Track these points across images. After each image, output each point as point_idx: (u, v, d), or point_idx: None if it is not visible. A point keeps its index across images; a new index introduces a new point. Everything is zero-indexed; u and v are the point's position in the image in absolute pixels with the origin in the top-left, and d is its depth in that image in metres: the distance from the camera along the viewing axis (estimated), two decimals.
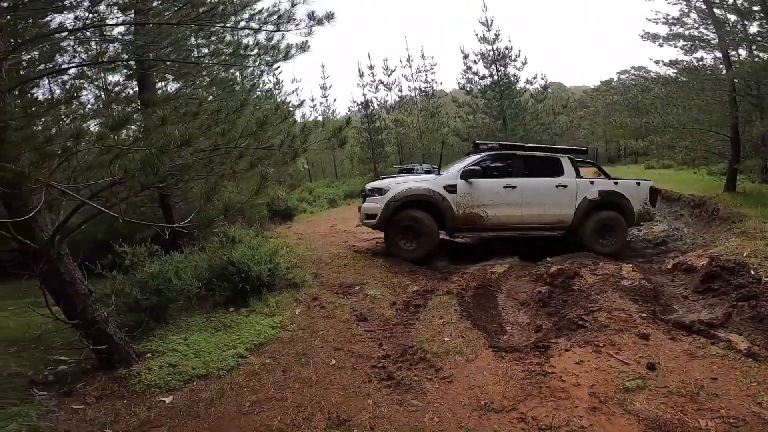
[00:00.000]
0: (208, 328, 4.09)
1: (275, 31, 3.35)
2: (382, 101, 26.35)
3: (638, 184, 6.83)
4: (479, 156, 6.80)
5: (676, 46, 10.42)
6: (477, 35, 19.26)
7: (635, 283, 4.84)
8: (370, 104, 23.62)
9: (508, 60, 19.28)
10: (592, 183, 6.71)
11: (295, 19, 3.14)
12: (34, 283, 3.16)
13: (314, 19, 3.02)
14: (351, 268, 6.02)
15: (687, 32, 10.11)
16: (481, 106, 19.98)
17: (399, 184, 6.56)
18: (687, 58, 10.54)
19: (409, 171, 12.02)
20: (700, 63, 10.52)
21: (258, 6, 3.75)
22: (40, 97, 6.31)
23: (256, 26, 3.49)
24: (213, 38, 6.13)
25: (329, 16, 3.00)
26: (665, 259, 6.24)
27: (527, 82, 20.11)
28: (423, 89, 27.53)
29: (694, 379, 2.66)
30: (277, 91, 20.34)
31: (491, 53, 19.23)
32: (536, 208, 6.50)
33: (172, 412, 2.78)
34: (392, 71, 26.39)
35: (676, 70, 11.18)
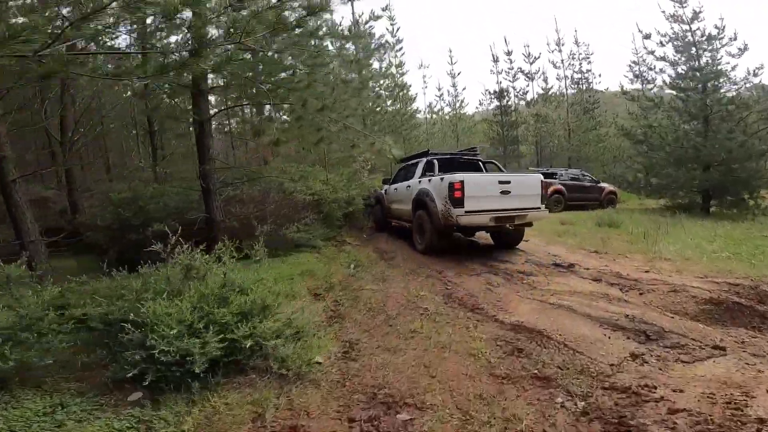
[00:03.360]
0: None
1: None
2: (521, 92, 22.02)
3: (441, 179, 5.92)
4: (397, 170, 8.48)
5: None
6: (664, 13, 14.05)
7: None
8: (505, 94, 19.73)
9: (717, 42, 13.42)
10: (419, 182, 6.71)
11: None
12: None
13: None
14: (422, 342, 3.07)
15: None
16: (668, 101, 14.43)
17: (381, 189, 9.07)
18: None
19: (549, 175, 11.57)
20: None
21: None
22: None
23: None
24: None
25: None
26: None
27: (750, 73, 13.75)
28: (576, 80, 22.26)
29: None
30: (399, 74, 18.06)
31: (687, 34, 13.65)
32: (401, 204, 7.46)
33: None
34: (536, 59, 21.85)
35: None
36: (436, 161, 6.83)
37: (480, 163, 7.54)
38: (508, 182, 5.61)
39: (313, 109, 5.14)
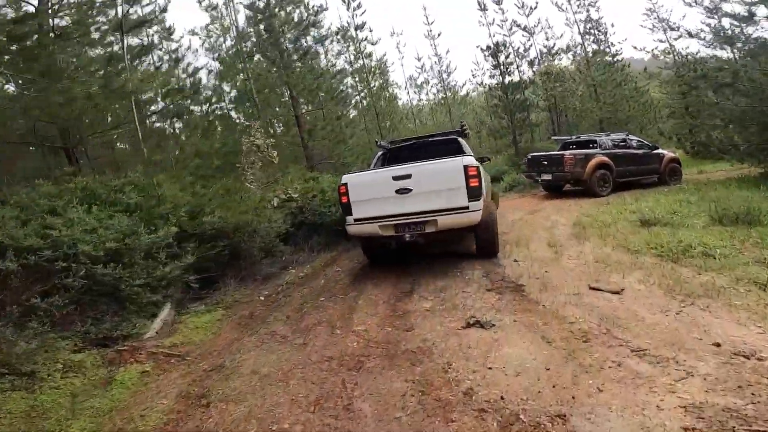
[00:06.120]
0: None
1: None
2: (521, 50, 17.36)
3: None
4: None
5: None
6: None
7: None
8: (501, 49, 15.14)
9: None
10: None
11: None
12: None
13: None
14: None
15: None
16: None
17: None
18: None
19: (585, 145, 9.47)
20: None
21: None
22: None
23: None
24: None
25: None
26: None
27: None
28: (587, 29, 17.57)
29: None
30: (369, 44, 13.84)
31: None
32: None
33: None
34: (532, 9, 17.16)
35: None
36: (380, 154, 5.84)
37: (463, 144, 5.55)
38: (407, 177, 4.19)
39: None
